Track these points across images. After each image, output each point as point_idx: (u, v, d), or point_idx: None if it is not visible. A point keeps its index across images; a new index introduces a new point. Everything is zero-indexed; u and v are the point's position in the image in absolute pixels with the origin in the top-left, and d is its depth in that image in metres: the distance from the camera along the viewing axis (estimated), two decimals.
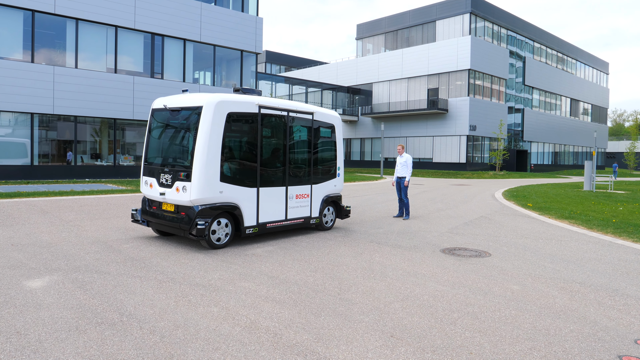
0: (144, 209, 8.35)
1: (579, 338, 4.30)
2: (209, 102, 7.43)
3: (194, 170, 7.30)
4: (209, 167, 7.38)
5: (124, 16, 22.57)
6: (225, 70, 28.21)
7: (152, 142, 8.46)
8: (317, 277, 6.10)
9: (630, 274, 6.74)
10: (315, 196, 9.43)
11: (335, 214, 10.10)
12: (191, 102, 7.74)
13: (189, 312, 4.71)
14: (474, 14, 41.78)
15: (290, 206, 8.84)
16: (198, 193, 7.30)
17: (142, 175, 8.37)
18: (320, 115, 9.54)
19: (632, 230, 10.36)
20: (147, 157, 8.40)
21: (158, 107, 8.36)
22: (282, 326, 4.39)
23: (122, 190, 16.73)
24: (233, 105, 7.70)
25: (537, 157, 51.85)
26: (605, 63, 66.22)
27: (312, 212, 9.37)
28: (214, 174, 7.44)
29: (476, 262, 7.25)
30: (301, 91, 47.90)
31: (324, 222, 9.76)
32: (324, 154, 9.70)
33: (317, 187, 9.44)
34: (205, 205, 7.43)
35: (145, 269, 6.31)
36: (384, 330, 4.35)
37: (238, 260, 6.94)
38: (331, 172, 9.86)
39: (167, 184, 7.68)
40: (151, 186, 8.03)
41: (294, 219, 8.97)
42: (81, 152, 22.64)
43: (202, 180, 7.31)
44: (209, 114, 7.37)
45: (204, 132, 7.33)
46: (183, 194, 7.40)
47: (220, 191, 7.54)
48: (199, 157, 7.30)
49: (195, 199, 7.32)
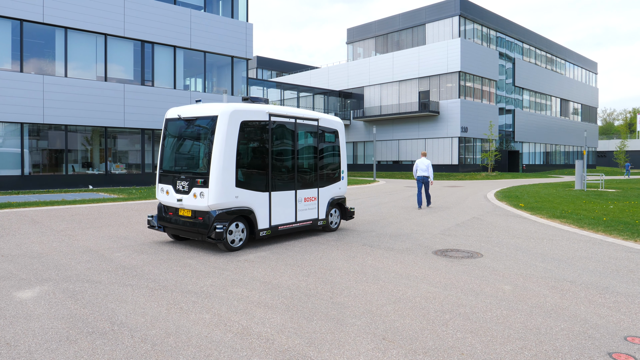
0: (160, 215, 8.63)
1: (569, 336, 4.33)
2: (224, 112, 7.75)
3: (211, 176, 7.64)
4: (225, 174, 7.72)
5: (113, 24, 22.54)
6: (216, 76, 28.21)
7: (167, 151, 8.75)
8: (310, 282, 6.10)
9: (620, 271, 6.80)
10: (322, 199, 9.86)
11: (340, 215, 10.51)
12: (206, 111, 8.05)
13: (181, 319, 4.69)
14: (463, 17, 42.10)
15: (300, 209, 9.25)
16: (215, 198, 7.65)
17: (158, 182, 8.67)
18: (325, 121, 9.98)
19: (623, 228, 10.45)
20: (163, 165, 8.70)
21: (172, 117, 8.65)
22: (274, 331, 4.39)
23: (114, 198, 16.65)
24: (246, 114, 8.07)
25: (529, 157, 52.20)
26: (594, 63, 66.90)
27: (319, 214, 9.78)
28: (229, 180, 7.78)
29: (468, 263, 7.28)
30: (293, 96, 47.97)
31: (330, 223, 10.15)
32: (329, 159, 10.16)
33: (323, 190, 9.88)
34: (222, 210, 7.77)
35: (137, 277, 6.28)
36: (375, 333, 4.36)
37: (230, 266, 6.92)
38: (336, 176, 10.31)
39: (184, 191, 8.03)
40: (167, 193, 8.36)
41: (303, 221, 9.36)
42: (72, 161, 22.52)
43: (219, 186, 7.65)
44: (224, 122, 7.71)
45: (219, 140, 7.66)
46: (200, 199, 7.73)
47: (235, 196, 7.90)
48: (216, 164, 7.64)
49: (212, 204, 7.66)
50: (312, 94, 48.63)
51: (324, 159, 9.96)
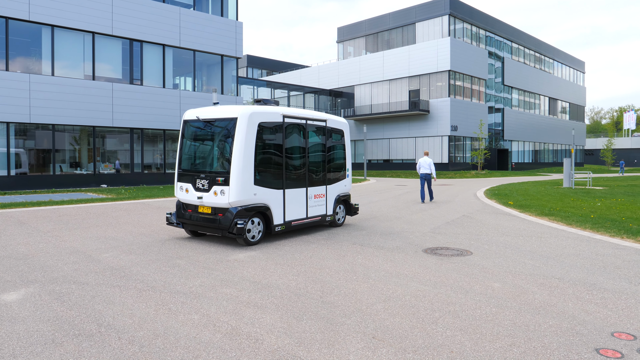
0: (179, 212, 9.00)
1: (557, 333, 4.36)
2: (243, 114, 8.17)
3: (232, 175, 8.05)
4: (245, 172, 8.13)
5: (101, 22, 22.31)
6: (205, 75, 28.06)
7: (185, 151, 9.11)
8: (300, 281, 6.07)
9: (607, 267, 6.86)
10: (330, 196, 10.39)
11: (345, 211, 11.05)
12: (225, 113, 8.47)
13: (169, 320, 4.65)
14: (452, 16, 42.27)
15: (310, 205, 9.76)
16: (236, 196, 8.07)
17: (177, 181, 9.01)
18: (332, 122, 10.50)
19: (610, 225, 10.56)
20: (181, 165, 9.05)
21: (190, 119, 9.03)
22: (264, 331, 4.36)
23: (102, 198, 16.50)
24: (263, 116, 8.51)
25: (518, 155, 52.59)
26: (582, 62, 67.55)
27: (327, 211, 10.31)
28: (248, 178, 8.20)
29: (458, 261, 7.31)
30: (283, 95, 47.86)
31: (336, 219, 10.68)
32: (336, 157, 10.68)
33: (331, 187, 10.41)
34: (241, 206, 8.21)
35: (125, 278, 6.22)
36: (365, 332, 4.35)
37: (220, 266, 6.88)
38: (342, 174, 10.87)
39: (204, 189, 8.41)
40: (187, 191, 8.72)
41: (313, 217, 9.87)
42: (60, 161, 22.28)
43: (239, 184, 8.07)
44: (243, 124, 8.12)
45: (239, 140, 8.07)
46: (221, 197, 8.14)
47: (254, 193, 8.34)
48: (236, 163, 8.04)
49: (233, 201, 8.08)
50: (302, 92, 48.56)
51: (332, 158, 10.48)
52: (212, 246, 8.39)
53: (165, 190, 20.28)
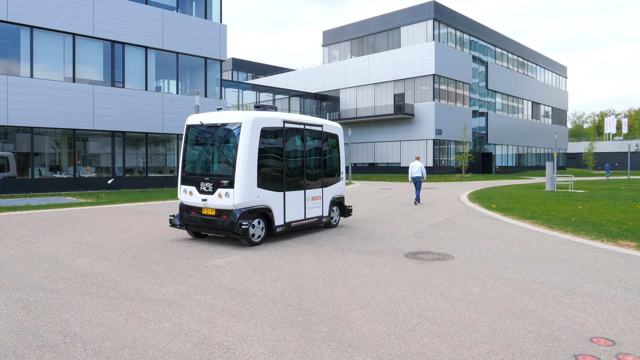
0: (182, 214, 9.23)
1: (536, 339, 4.29)
2: (247, 119, 8.50)
3: (237, 178, 8.35)
4: (249, 176, 8.45)
5: (82, 23, 21.95)
6: (189, 78, 27.79)
7: (189, 155, 9.36)
8: (277, 287, 5.94)
9: (587, 271, 6.85)
10: (326, 198, 10.75)
11: (339, 213, 11.43)
12: (229, 119, 8.79)
13: (139, 329, 4.48)
14: (437, 20, 42.57)
15: (308, 207, 10.09)
16: (240, 198, 8.37)
17: (180, 184, 9.24)
18: (328, 127, 10.89)
19: (590, 229, 10.61)
20: (185, 169, 9.28)
21: (194, 123, 9.29)
22: (236, 340, 4.22)
23: (81, 203, 16.16)
24: (265, 122, 8.84)
25: (502, 159, 53.07)
26: (564, 67, 68.56)
27: (323, 212, 10.67)
28: (252, 181, 8.53)
29: (439, 265, 7.24)
30: (268, 98, 47.70)
31: (331, 220, 11.07)
32: (331, 161, 11.05)
33: (326, 189, 10.76)
34: (245, 208, 8.50)
35: (97, 285, 6.02)
36: (341, 340, 4.24)
37: (196, 272, 6.71)
38: (336, 176, 11.23)
39: (208, 191, 8.68)
40: (191, 194, 8.96)
41: (310, 218, 10.20)
42: (39, 165, 21.83)
43: (244, 187, 8.39)
44: (247, 129, 8.44)
45: (243, 144, 8.38)
46: (226, 199, 8.42)
47: (257, 196, 8.67)
48: (240, 166, 8.36)
49: (238, 203, 8.38)
50: (287, 96, 48.43)
51: (327, 161, 10.85)
52: (190, 252, 8.22)
53: (146, 194, 19.97)
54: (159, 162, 26.54)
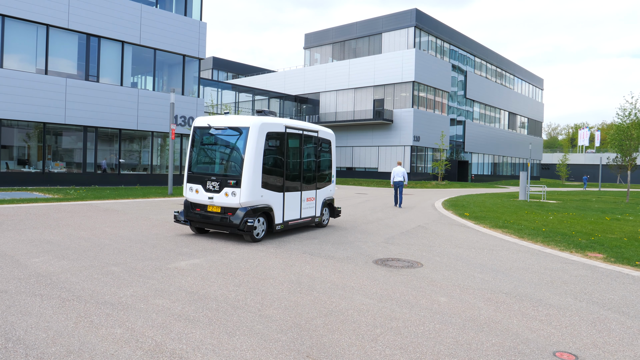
0: (187, 211, 9.71)
1: (499, 352, 4.21)
2: (254, 124, 9.07)
3: (244, 178, 8.89)
4: (255, 176, 9.00)
5: (57, 15, 21.37)
6: (166, 75, 27.34)
7: (195, 155, 9.86)
8: (240, 292, 5.75)
9: (554, 282, 6.85)
10: (319, 199, 11.42)
11: (329, 213, 12.08)
12: (237, 122, 9.30)
13: (88, 335, 4.25)
14: (418, 28, 42.91)
15: (303, 207, 10.75)
16: (246, 197, 8.93)
17: (186, 182, 9.70)
18: (323, 132, 11.58)
19: (560, 239, 10.70)
20: (191, 168, 9.75)
21: (201, 126, 9.76)
22: (190, 348, 4.03)
23: (47, 198, 15.65)
24: (270, 127, 9.42)
25: (478, 167, 53.75)
26: (541, 79, 69.95)
27: (316, 212, 11.32)
28: (257, 181, 9.08)
29: (407, 273, 7.15)
30: (248, 99, 47.32)
31: (322, 220, 11.68)
32: (324, 164, 11.70)
33: (319, 191, 11.44)
34: (250, 207, 9.05)
35: (51, 285, 5.74)
36: (300, 350, 4.08)
37: (157, 275, 6.47)
38: (328, 179, 11.90)
39: (215, 190, 9.19)
40: (197, 192, 9.46)
41: (305, 217, 10.85)
42: (7, 158, 21.11)
43: (250, 186, 8.93)
44: (254, 133, 9.01)
45: (251, 147, 8.95)
46: (232, 198, 8.97)
47: (261, 195, 9.23)
48: (247, 167, 8.91)
49: (243, 201, 8.94)
50: (267, 97, 48.15)
51: (321, 165, 11.50)
52: (154, 253, 7.95)
53: (117, 192, 19.48)
54: (133, 159, 25.98)
